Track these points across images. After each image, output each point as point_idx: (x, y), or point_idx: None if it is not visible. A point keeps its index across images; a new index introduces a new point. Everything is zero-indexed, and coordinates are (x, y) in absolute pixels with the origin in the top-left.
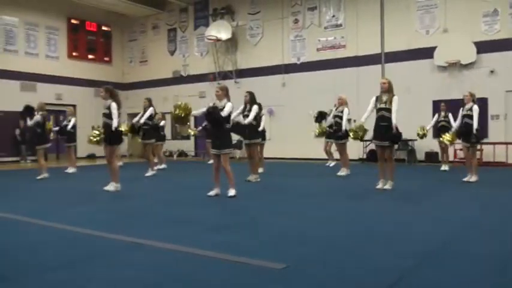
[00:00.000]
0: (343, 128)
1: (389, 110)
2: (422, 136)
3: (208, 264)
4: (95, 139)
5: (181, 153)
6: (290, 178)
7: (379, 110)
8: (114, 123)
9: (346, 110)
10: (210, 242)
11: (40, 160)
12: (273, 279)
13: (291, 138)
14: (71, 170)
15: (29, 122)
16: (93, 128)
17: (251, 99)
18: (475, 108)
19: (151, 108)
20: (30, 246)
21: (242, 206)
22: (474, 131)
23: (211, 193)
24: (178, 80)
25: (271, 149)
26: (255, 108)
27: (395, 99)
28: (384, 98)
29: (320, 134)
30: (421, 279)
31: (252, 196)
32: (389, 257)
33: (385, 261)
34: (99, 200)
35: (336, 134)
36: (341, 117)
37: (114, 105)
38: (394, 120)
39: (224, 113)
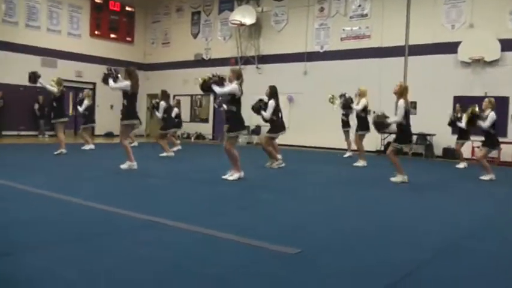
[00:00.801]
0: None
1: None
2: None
3: (224, 246)
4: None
5: (199, 136)
6: (307, 165)
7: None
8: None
9: (363, 100)
10: (226, 224)
11: (59, 135)
12: (285, 263)
13: (309, 126)
14: (87, 146)
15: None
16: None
17: (270, 93)
18: (491, 114)
19: (162, 103)
20: (45, 220)
21: (256, 189)
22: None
23: (228, 176)
24: (199, 63)
25: (289, 137)
26: (271, 104)
27: (400, 103)
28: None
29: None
30: (434, 272)
31: (270, 181)
32: (404, 249)
33: (399, 253)
34: (115, 177)
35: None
36: (362, 110)
37: (126, 82)
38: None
39: (223, 90)
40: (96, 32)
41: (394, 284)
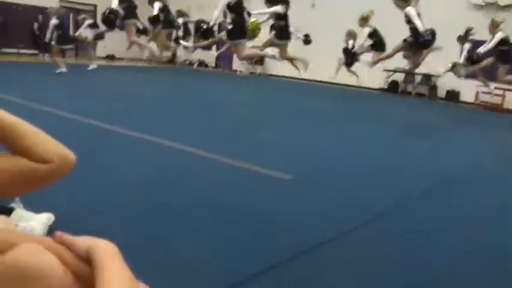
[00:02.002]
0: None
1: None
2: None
3: (217, 166)
4: None
5: (201, 63)
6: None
7: None
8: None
9: (366, 29)
10: (222, 148)
11: (56, 57)
12: (279, 188)
13: (319, 62)
14: (91, 66)
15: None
16: None
17: None
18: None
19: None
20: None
21: (256, 117)
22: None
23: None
24: None
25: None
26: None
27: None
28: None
29: None
30: (412, 212)
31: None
32: (392, 186)
33: (386, 190)
34: (113, 95)
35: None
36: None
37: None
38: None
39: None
40: None
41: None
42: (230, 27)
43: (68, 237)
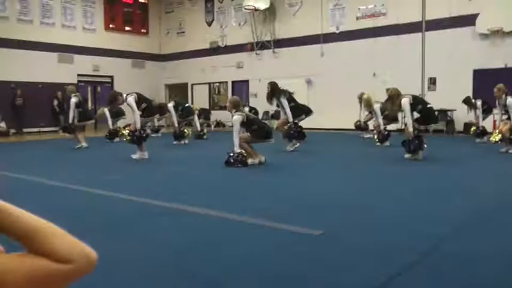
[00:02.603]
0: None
1: None
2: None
3: (242, 228)
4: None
5: (219, 124)
6: (327, 147)
7: None
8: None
9: (376, 106)
10: (245, 208)
11: (77, 134)
12: (310, 244)
13: (328, 108)
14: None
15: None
16: None
17: (272, 92)
18: (509, 100)
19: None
20: (69, 210)
21: (274, 172)
22: None
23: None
24: (215, 50)
25: (309, 119)
26: (285, 103)
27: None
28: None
29: None
30: (455, 248)
31: (286, 164)
32: (423, 225)
33: (420, 229)
34: (131, 167)
35: None
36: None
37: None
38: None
39: (234, 136)
40: (110, 26)
41: (418, 261)
42: None
43: None
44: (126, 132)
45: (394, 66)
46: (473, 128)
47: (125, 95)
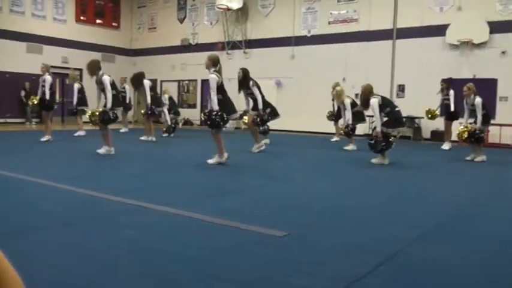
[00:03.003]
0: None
1: None
2: (433, 118)
3: (208, 229)
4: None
5: (187, 122)
6: (295, 149)
7: None
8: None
9: (347, 100)
10: (211, 207)
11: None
12: (274, 246)
13: (297, 110)
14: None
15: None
16: None
17: (244, 78)
18: (477, 101)
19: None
20: (32, 205)
21: (243, 173)
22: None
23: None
24: (186, 48)
25: (276, 121)
26: (256, 91)
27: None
28: None
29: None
30: (421, 251)
31: (254, 164)
32: (389, 228)
33: (387, 232)
34: (100, 162)
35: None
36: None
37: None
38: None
39: (211, 91)
40: (81, 18)
41: (383, 262)
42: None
43: None
44: (97, 111)
45: (364, 72)
46: None
47: (101, 72)
